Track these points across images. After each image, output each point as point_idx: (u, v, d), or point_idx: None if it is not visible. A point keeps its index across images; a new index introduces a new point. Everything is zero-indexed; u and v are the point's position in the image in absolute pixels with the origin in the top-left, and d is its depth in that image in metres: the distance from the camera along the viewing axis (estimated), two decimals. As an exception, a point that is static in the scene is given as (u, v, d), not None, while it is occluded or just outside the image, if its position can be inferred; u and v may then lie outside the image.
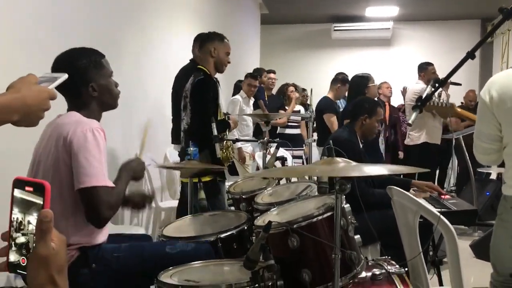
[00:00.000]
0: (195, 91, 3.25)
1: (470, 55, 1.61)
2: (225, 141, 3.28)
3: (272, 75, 6.62)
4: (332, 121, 5.07)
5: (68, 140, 1.72)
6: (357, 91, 4.41)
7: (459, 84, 4.43)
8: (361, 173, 1.51)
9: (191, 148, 2.87)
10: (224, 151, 3.23)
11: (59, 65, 1.87)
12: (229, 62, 3.43)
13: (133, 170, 2.00)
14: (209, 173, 2.99)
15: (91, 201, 1.73)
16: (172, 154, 4.40)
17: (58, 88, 1.86)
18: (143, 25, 4.19)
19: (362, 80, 4.58)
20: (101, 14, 3.42)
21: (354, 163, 1.56)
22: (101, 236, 1.89)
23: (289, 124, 6.18)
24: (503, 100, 1.92)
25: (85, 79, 1.87)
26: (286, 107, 6.12)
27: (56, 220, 1.77)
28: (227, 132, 3.31)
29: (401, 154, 5.99)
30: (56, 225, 1.75)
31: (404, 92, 6.45)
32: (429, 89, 1.73)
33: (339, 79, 5.44)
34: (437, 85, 1.71)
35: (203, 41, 3.46)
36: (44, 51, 2.53)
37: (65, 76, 1.21)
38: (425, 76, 5.29)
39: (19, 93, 1.07)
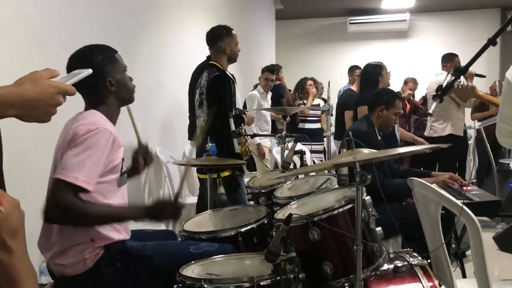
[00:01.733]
0: (211, 88, 3.26)
1: (492, 41, 1.58)
2: (243, 136, 3.27)
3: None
4: (351, 120, 5.03)
5: (72, 136, 1.72)
6: (370, 80, 4.33)
7: (483, 76, 4.33)
8: (386, 154, 1.50)
9: (209, 144, 2.88)
10: (243, 145, 3.23)
11: (74, 62, 1.88)
12: (239, 50, 3.44)
13: (153, 212, 1.81)
14: (228, 168, 2.98)
15: (51, 193, 1.64)
16: (190, 150, 4.43)
17: (76, 85, 1.90)
18: (157, 24, 4.21)
19: (375, 69, 4.49)
20: (117, 15, 3.45)
21: (375, 151, 1.54)
22: (122, 232, 1.89)
23: (309, 118, 6.16)
24: None
25: (102, 75, 1.87)
26: (305, 101, 6.09)
27: None
28: (243, 126, 3.30)
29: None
30: None
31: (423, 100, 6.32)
32: (449, 78, 1.71)
33: (355, 66, 5.42)
34: (457, 73, 1.68)
35: (213, 40, 3.46)
36: (62, 53, 2.56)
37: (89, 71, 1.20)
38: (451, 67, 5.19)
39: (20, 87, 1.04)
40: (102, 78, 1.87)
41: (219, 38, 3.41)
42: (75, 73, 1.18)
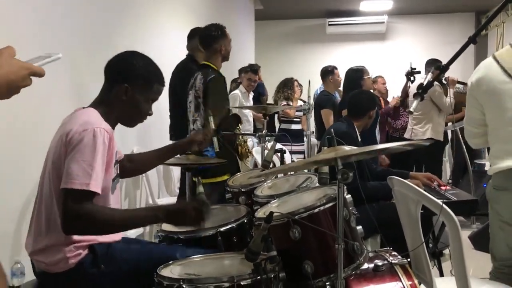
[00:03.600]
0: (208, 90, 3.20)
1: (472, 40, 1.59)
2: (239, 136, 3.24)
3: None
4: (328, 118, 5.05)
5: (68, 137, 1.67)
6: (353, 85, 4.40)
7: (465, 84, 4.42)
8: (368, 150, 1.49)
9: (209, 149, 2.84)
10: (242, 146, 3.19)
11: (126, 54, 1.90)
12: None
13: (174, 216, 1.74)
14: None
15: (63, 203, 1.60)
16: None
17: (107, 66, 1.87)
18: (136, 22, 4.15)
19: (357, 73, 4.57)
20: (95, 7, 3.39)
21: (357, 148, 1.53)
22: (112, 235, 1.85)
23: (289, 119, 6.16)
24: (480, 84, 2.13)
25: (126, 78, 1.83)
26: (290, 102, 6.07)
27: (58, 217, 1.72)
28: (240, 126, 3.27)
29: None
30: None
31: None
32: (430, 76, 1.71)
33: (329, 70, 5.45)
34: (437, 71, 1.69)
35: (207, 42, 3.40)
36: (39, 47, 2.50)
37: (58, 56, 1.17)
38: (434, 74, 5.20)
39: (2, 69, 1.02)
40: (123, 81, 1.83)
41: (215, 40, 3.38)
42: (44, 56, 1.14)
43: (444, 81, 4.76)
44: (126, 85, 1.83)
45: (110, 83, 1.87)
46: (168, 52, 4.55)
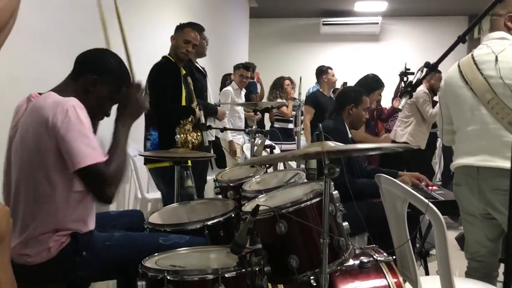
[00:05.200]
0: (151, 76, 3.28)
1: (462, 39, 1.60)
2: (187, 125, 3.25)
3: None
4: (306, 113, 5.06)
5: (51, 124, 1.66)
6: (364, 89, 4.33)
7: None
8: (355, 148, 1.49)
9: (152, 133, 2.87)
10: (183, 134, 3.19)
11: (102, 49, 1.93)
12: (188, 51, 3.41)
13: (131, 111, 1.93)
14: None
15: (91, 182, 1.69)
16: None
17: (79, 56, 1.89)
18: (129, 17, 4.12)
19: (376, 84, 4.51)
20: (89, 6, 3.36)
21: (342, 144, 1.54)
22: (92, 220, 1.85)
23: (283, 118, 6.16)
24: (444, 87, 2.37)
25: (97, 71, 1.83)
26: (285, 101, 6.07)
27: (44, 207, 1.74)
28: (192, 118, 3.28)
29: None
30: (47, 211, 1.73)
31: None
32: (419, 74, 1.72)
33: (323, 70, 5.46)
34: (427, 69, 1.70)
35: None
36: (33, 39, 2.48)
37: None
38: (431, 80, 5.19)
39: None
40: (93, 72, 1.83)
41: (175, 30, 3.50)
42: None
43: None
44: (96, 77, 1.83)
45: (78, 73, 1.86)
46: (162, 47, 4.52)
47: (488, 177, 2.14)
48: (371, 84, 4.48)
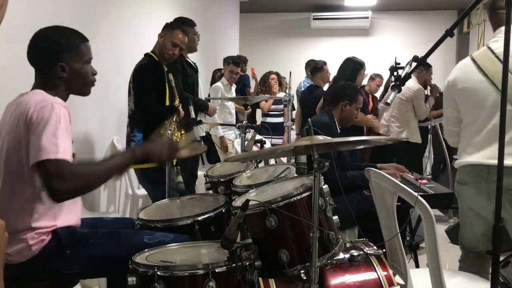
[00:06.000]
0: (135, 76, 3.23)
1: (449, 32, 1.61)
2: (172, 125, 3.21)
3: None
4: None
5: (28, 117, 1.64)
6: (349, 75, 4.29)
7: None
8: (343, 140, 1.49)
9: (136, 134, 2.85)
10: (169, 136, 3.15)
11: (35, 40, 1.83)
12: (174, 54, 3.36)
13: (149, 155, 1.79)
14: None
15: (42, 175, 1.58)
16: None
17: (30, 58, 1.79)
18: (119, 10, 4.10)
19: (357, 66, 4.47)
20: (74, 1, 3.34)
21: (330, 138, 1.54)
22: (72, 217, 1.83)
23: (271, 112, 6.16)
24: (456, 83, 2.25)
25: (56, 58, 1.81)
26: (266, 95, 6.09)
27: (20, 203, 1.71)
28: (175, 118, 3.24)
29: None
30: (21, 208, 1.69)
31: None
32: (408, 68, 1.73)
33: (318, 67, 5.45)
34: (416, 63, 1.71)
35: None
36: (16, 28, 2.45)
37: None
38: (423, 75, 5.20)
39: None
40: (55, 62, 1.80)
41: (164, 27, 3.41)
42: None
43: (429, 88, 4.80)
44: (60, 63, 1.81)
45: (43, 70, 1.84)
46: (151, 41, 4.50)
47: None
48: (355, 66, 4.45)
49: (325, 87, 5.46)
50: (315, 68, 5.51)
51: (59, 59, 1.81)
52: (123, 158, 1.74)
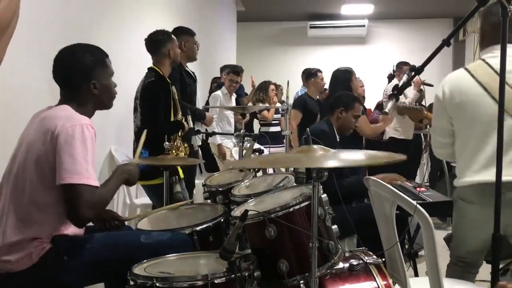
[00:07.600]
0: (144, 94, 3.20)
1: (446, 42, 1.62)
2: (177, 141, 3.20)
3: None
4: (294, 118, 5.04)
5: (56, 134, 1.68)
6: (341, 86, 4.29)
7: (431, 85, 4.44)
8: (339, 160, 1.48)
9: (142, 151, 2.83)
10: (174, 151, 3.13)
11: (63, 59, 1.87)
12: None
13: (128, 173, 1.91)
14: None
15: (71, 199, 1.66)
16: (147, 149, 4.33)
17: (59, 77, 1.88)
18: (115, 21, 4.11)
19: (346, 75, 4.46)
20: (73, 2, 3.34)
21: (331, 150, 1.53)
22: (75, 229, 1.83)
23: (264, 122, 6.16)
24: (453, 96, 2.13)
25: (89, 77, 1.86)
26: (262, 104, 6.09)
27: (26, 211, 1.74)
28: (180, 133, 3.24)
29: None
30: (39, 219, 1.73)
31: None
32: (405, 78, 1.73)
33: (312, 73, 5.47)
34: (413, 73, 1.71)
35: (154, 47, 3.37)
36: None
37: None
38: (400, 75, 5.28)
39: None
40: (88, 80, 1.86)
41: (162, 43, 3.34)
42: None
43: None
44: (93, 81, 1.87)
45: (72, 88, 1.88)
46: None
47: None
48: (345, 76, 4.46)
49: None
50: (309, 74, 5.52)
51: (92, 76, 1.87)
52: (118, 182, 1.87)
